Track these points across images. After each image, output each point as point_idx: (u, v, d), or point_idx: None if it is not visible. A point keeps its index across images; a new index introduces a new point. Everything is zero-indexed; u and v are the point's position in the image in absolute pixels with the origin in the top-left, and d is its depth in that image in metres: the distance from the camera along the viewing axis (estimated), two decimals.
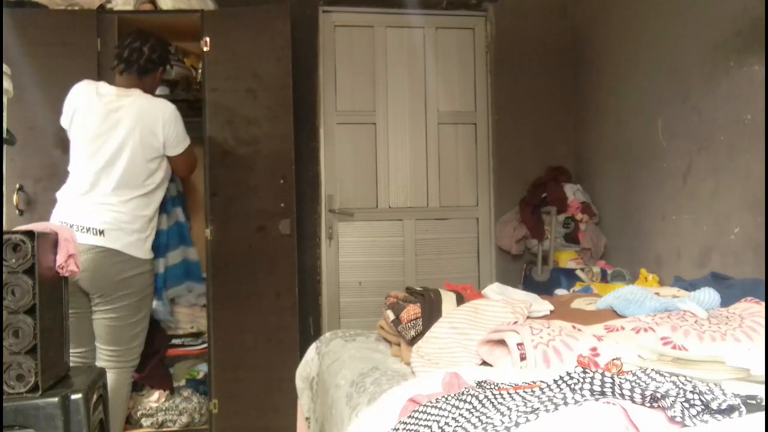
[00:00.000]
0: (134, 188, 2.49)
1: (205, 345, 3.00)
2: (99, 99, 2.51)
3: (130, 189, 2.48)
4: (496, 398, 1.03)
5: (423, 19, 3.58)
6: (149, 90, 2.61)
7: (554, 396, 0.95)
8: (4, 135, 2.13)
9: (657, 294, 1.79)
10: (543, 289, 3.02)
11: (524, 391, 1.05)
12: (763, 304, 1.61)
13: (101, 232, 2.39)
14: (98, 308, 2.46)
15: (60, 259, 1.75)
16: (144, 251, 2.52)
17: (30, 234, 1.58)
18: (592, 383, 0.96)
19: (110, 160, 2.46)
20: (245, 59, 2.98)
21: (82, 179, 2.47)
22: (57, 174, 2.58)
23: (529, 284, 3.27)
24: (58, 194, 2.51)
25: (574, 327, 1.51)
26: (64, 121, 2.57)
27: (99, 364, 2.46)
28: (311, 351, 2.12)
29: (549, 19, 3.64)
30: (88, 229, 2.39)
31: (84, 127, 2.50)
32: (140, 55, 2.56)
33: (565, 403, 0.91)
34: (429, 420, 1.01)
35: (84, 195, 2.45)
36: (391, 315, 1.86)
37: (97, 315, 2.47)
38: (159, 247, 2.83)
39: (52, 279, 1.72)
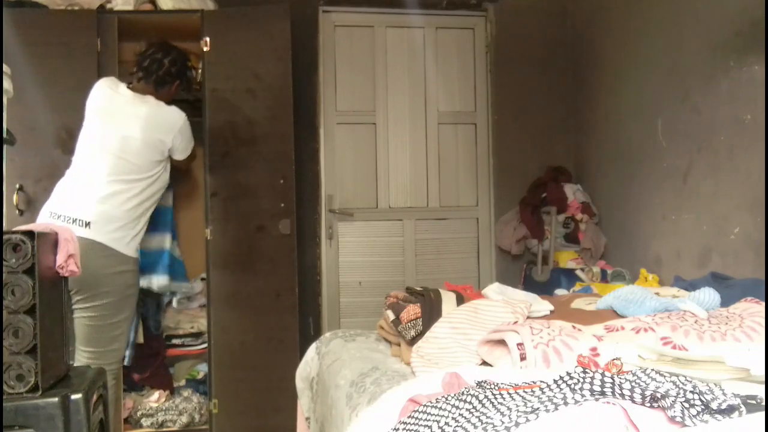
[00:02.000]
0: (131, 184, 2.48)
1: (205, 345, 3.00)
2: (117, 97, 2.54)
3: (127, 184, 2.47)
4: (496, 398, 1.03)
5: (423, 19, 3.57)
6: (163, 99, 2.61)
7: (554, 396, 0.95)
8: (4, 135, 2.12)
9: (657, 294, 1.79)
10: (543, 289, 3.02)
11: (524, 391, 1.05)
12: (763, 304, 1.61)
13: (87, 224, 2.37)
14: (77, 306, 2.41)
15: (60, 259, 1.75)
16: (130, 249, 2.48)
17: (30, 234, 1.58)
18: (592, 383, 0.96)
19: (114, 156, 2.46)
20: (245, 59, 2.98)
21: (81, 171, 2.48)
22: (57, 174, 2.58)
23: (529, 284, 3.27)
24: (57, 185, 2.51)
25: (574, 327, 1.51)
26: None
27: (77, 365, 2.41)
28: (311, 351, 2.12)
29: (549, 19, 3.64)
30: (74, 220, 2.36)
31: (95, 119, 2.52)
32: (160, 67, 2.60)
33: (565, 403, 0.91)
34: (429, 420, 1.01)
35: (79, 186, 2.45)
36: (391, 315, 1.86)
37: (76, 314, 2.41)
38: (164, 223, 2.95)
39: (52, 279, 1.72)
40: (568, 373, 1.02)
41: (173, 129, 2.56)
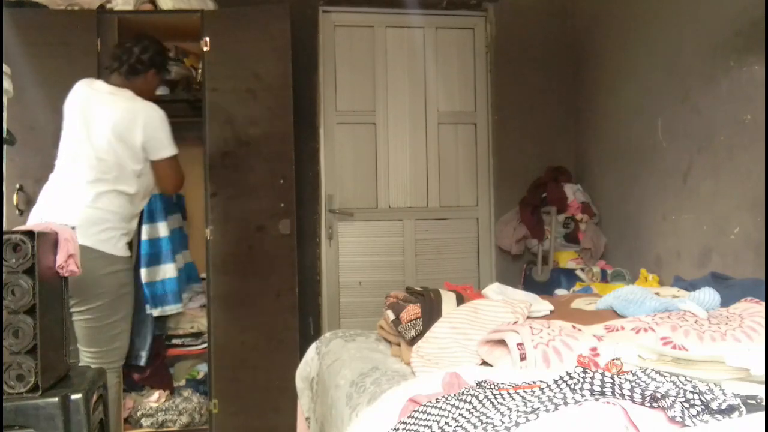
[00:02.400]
0: (113, 184, 2.43)
1: (205, 345, 3.00)
2: (91, 94, 2.50)
3: (108, 184, 2.42)
4: (496, 398, 1.03)
5: (423, 19, 3.58)
6: (141, 92, 2.54)
7: (554, 396, 0.95)
8: (4, 135, 2.12)
9: (657, 294, 1.79)
10: (543, 289, 3.02)
11: (524, 391, 1.05)
12: (763, 304, 1.61)
13: (72, 229, 2.36)
14: (75, 309, 2.39)
15: (60, 259, 1.75)
16: (119, 248, 2.44)
17: (30, 234, 1.58)
18: (592, 383, 0.96)
19: (93, 158, 2.42)
20: (245, 59, 2.98)
21: (64, 175, 2.46)
22: None
23: (529, 284, 3.27)
24: (42, 190, 2.48)
25: (574, 327, 1.51)
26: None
27: (82, 365, 2.39)
28: (311, 351, 2.12)
29: (549, 19, 3.64)
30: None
31: (72, 120, 2.49)
32: (130, 55, 2.53)
33: (565, 403, 0.91)
34: (429, 420, 1.01)
35: (62, 191, 2.43)
36: (391, 315, 1.86)
37: (75, 316, 2.40)
38: (166, 253, 2.99)
39: (52, 279, 1.72)
40: (568, 373, 1.02)
41: (145, 122, 2.45)
